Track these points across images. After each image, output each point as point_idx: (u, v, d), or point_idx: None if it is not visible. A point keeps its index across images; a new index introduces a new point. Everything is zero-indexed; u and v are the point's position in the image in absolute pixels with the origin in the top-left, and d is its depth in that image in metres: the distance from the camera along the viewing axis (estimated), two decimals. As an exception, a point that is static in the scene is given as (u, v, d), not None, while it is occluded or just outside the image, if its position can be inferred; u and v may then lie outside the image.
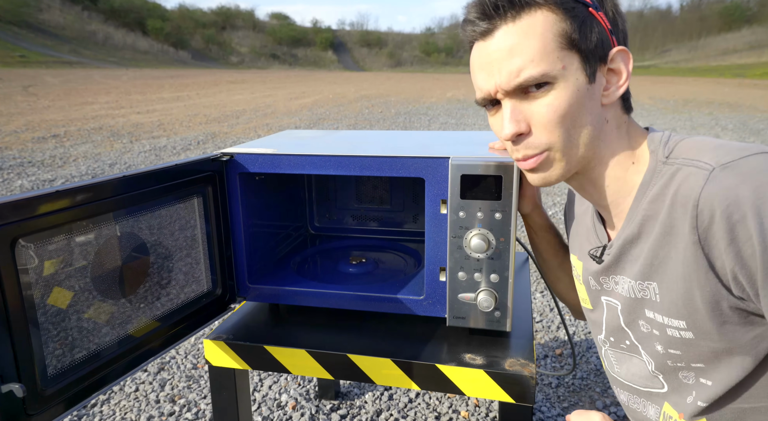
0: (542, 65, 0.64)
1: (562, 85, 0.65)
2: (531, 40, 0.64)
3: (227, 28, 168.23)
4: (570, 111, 0.66)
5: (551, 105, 0.65)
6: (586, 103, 0.66)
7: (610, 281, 0.78)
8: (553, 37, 0.64)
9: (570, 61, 0.65)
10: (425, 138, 1.21)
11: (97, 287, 0.79)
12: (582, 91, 0.65)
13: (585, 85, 0.66)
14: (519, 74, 0.65)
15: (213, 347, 1.02)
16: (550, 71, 0.64)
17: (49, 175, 4.97)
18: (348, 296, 1.04)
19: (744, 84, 22.77)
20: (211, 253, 1.01)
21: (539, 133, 0.68)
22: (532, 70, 0.64)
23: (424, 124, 9.03)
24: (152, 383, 1.92)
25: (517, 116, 0.67)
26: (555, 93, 0.65)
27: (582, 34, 0.64)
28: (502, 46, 0.66)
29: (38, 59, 59.00)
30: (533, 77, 0.64)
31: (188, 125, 8.53)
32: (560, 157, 0.69)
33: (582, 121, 0.67)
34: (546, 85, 0.65)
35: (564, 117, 0.66)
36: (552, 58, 0.64)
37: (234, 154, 1.02)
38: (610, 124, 0.70)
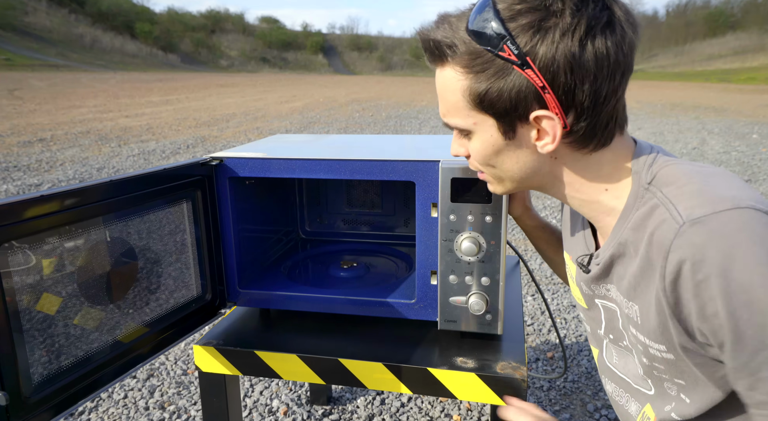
0: (456, 119, 0.67)
1: (477, 136, 0.67)
2: (446, 92, 0.66)
3: (217, 32, 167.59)
4: (487, 156, 0.68)
5: (473, 149, 0.69)
6: (507, 154, 0.67)
7: (602, 289, 0.78)
8: (462, 96, 0.63)
9: (481, 120, 0.64)
10: (416, 142, 1.21)
11: (84, 292, 0.78)
12: (499, 145, 0.66)
13: (501, 140, 0.65)
14: (444, 117, 0.69)
15: (203, 353, 1.01)
16: (464, 126, 0.67)
17: (35, 180, 4.91)
18: (339, 300, 1.04)
19: (729, 89, 23.17)
20: (200, 258, 1.00)
21: (472, 161, 0.73)
22: (451, 119, 0.68)
23: (414, 127, 9.06)
24: (141, 390, 1.90)
25: (458, 142, 0.72)
26: (474, 140, 0.68)
27: (493, 97, 0.60)
28: (437, 86, 0.68)
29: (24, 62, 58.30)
30: (454, 125, 0.68)
31: (177, 129, 8.47)
32: (496, 182, 0.73)
33: (506, 166, 0.68)
34: (466, 133, 0.68)
35: (483, 159, 0.69)
36: (462, 114, 0.65)
37: (223, 159, 1.01)
38: (562, 159, 0.67)
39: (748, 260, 0.52)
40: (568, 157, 0.66)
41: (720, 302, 0.54)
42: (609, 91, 0.60)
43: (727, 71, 57.49)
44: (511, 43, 0.57)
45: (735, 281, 0.53)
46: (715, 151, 6.78)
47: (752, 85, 29.19)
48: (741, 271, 0.52)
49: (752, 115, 11.07)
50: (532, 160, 0.66)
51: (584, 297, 0.84)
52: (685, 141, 7.56)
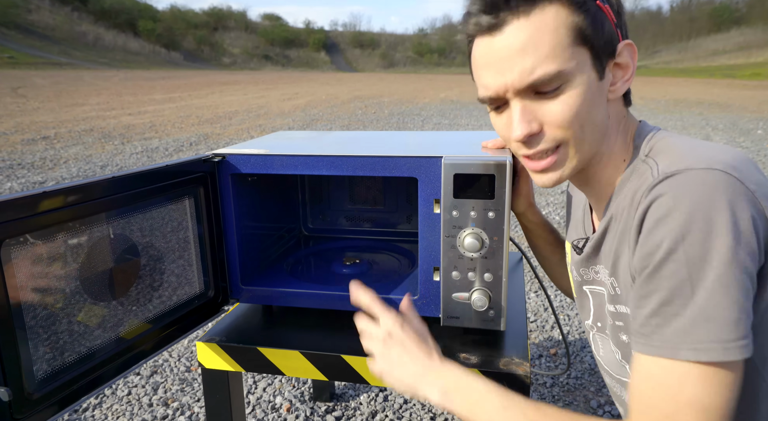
0: (557, 63, 0.61)
1: (575, 82, 0.62)
2: (544, 35, 0.60)
3: (219, 29, 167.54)
4: (582, 109, 0.63)
5: (565, 104, 0.63)
6: (596, 100, 0.65)
7: (590, 272, 0.79)
8: (566, 33, 0.61)
9: (582, 58, 0.62)
10: (418, 138, 1.21)
11: (87, 289, 0.78)
12: (593, 88, 0.64)
13: (596, 81, 0.64)
14: (533, 72, 0.61)
15: (206, 350, 1.01)
16: (565, 69, 0.61)
17: (39, 178, 4.93)
18: (342, 296, 1.04)
19: (734, 84, 23.03)
20: (203, 254, 1.00)
21: (552, 131, 0.65)
22: (547, 67, 0.61)
23: (417, 124, 9.04)
24: (145, 387, 1.90)
25: (528, 116, 0.65)
26: (568, 91, 0.63)
27: (594, 29, 0.62)
28: (513, 42, 0.62)
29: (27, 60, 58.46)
30: (548, 75, 0.61)
31: (180, 127, 8.48)
32: (573, 155, 0.67)
33: (592, 118, 0.65)
34: (559, 84, 0.62)
35: (577, 115, 0.64)
36: (566, 55, 0.61)
37: (226, 155, 1.01)
38: (611, 119, 0.69)
39: (701, 217, 0.54)
40: (616, 116, 0.70)
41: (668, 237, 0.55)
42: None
43: (731, 67, 57.17)
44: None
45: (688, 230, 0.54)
46: (719, 147, 6.74)
47: (757, 80, 29.00)
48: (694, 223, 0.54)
49: (757, 111, 11.00)
50: (605, 112, 0.67)
51: (574, 284, 0.85)
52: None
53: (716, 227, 0.53)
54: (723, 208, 0.53)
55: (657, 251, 0.56)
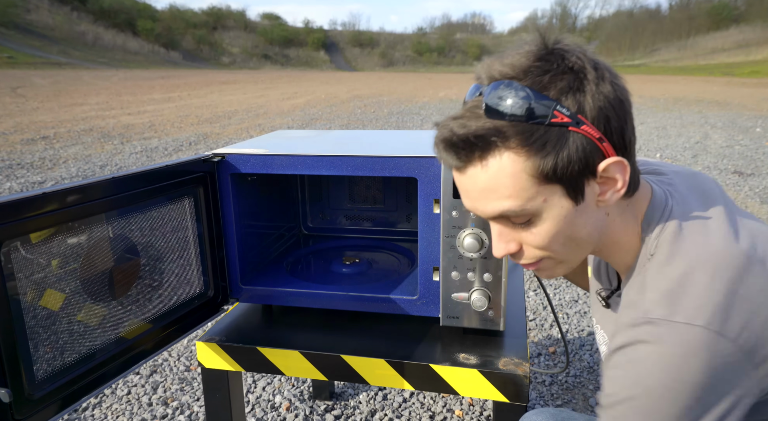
0: (519, 202, 0.61)
1: (546, 215, 0.62)
2: (502, 180, 0.60)
3: (218, 29, 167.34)
4: (558, 233, 0.63)
5: (538, 234, 0.63)
6: (576, 221, 0.63)
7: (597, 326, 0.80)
8: (526, 176, 0.59)
9: (551, 192, 0.60)
10: (418, 137, 1.21)
11: (86, 289, 0.78)
12: (570, 215, 0.62)
13: (572, 207, 0.62)
14: (495, 210, 0.62)
15: (206, 349, 1.01)
16: (528, 207, 0.61)
17: (38, 178, 4.92)
18: (341, 296, 1.04)
19: (732, 82, 23.03)
20: (202, 254, 1.01)
21: (530, 250, 0.66)
22: (509, 206, 0.61)
23: (416, 123, 9.04)
24: (144, 386, 1.90)
25: (507, 238, 0.66)
26: (540, 223, 0.62)
27: (560, 164, 0.59)
28: (476, 183, 0.62)
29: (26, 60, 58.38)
30: (511, 212, 0.61)
31: (180, 126, 8.47)
32: (557, 264, 0.68)
33: (572, 237, 0.64)
34: (527, 218, 0.62)
35: (553, 239, 0.63)
36: (528, 194, 0.60)
37: (225, 155, 1.01)
38: (612, 215, 0.66)
39: (660, 377, 0.55)
40: (616, 209, 0.67)
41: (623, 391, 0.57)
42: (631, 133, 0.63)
43: (730, 65, 57.11)
44: (561, 107, 0.58)
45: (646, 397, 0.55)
46: (718, 145, 6.75)
47: (756, 78, 29.00)
48: (650, 378, 0.55)
49: (756, 109, 11.01)
50: (595, 219, 0.65)
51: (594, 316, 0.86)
52: (688, 135, 7.52)
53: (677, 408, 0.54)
54: (688, 392, 0.54)
55: (611, 395, 0.58)
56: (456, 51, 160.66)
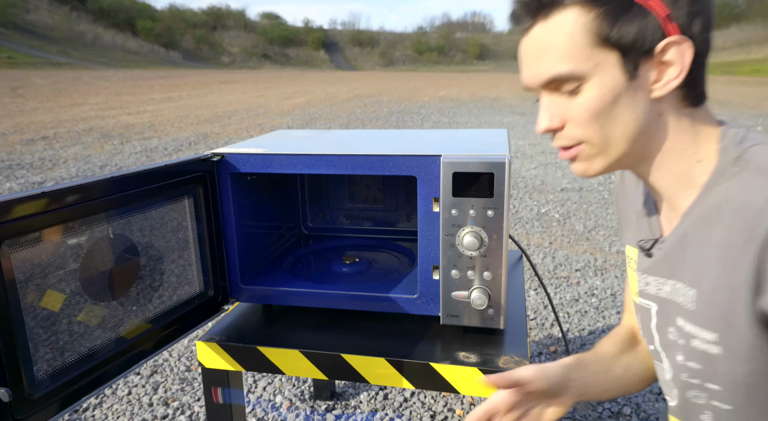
0: (571, 63, 0.61)
1: (595, 83, 0.62)
2: (560, 37, 0.61)
3: (218, 28, 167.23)
4: (604, 109, 0.62)
5: (582, 104, 0.63)
6: (626, 100, 0.62)
7: (641, 281, 0.75)
8: (583, 36, 0.60)
9: (604, 59, 0.61)
10: (417, 136, 1.21)
11: (86, 289, 0.78)
12: (619, 89, 0.62)
13: (623, 82, 0.62)
14: (547, 72, 0.63)
15: (206, 349, 1.01)
16: (580, 70, 0.61)
17: (38, 178, 4.92)
18: (341, 295, 1.04)
19: (733, 81, 23.02)
20: (202, 254, 1.00)
21: (571, 129, 0.65)
22: (559, 68, 0.62)
23: (416, 123, 9.04)
24: (145, 386, 1.90)
25: (552, 111, 0.66)
26: (586, 91, 0.62)
27: (619, 30, 0.59)
28: (536, 43, 0.64)
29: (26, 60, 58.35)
30: (561, 75, 0.62)
31: (180, 126, 8.47)
32: (597, 152, 0.66)
33: (620, 119, 0.63)
34: (577, 84, 0.62)
35: (597, 115, 0.63)
36: (582, 56, 0.61)
37: (225, 155, 1.01)
38: (666, 116, 0.65)
39: None
40: (672, 113, 0.65)
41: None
42: (710, 35, 0.63)
43: (731, 63, 57.06)
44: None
45: None
46: (718, 144, 6.73)
47: (757, 77, 28.98)
48: None
49: (756, 108, 11.00)
50: (645, 111, 0.63)
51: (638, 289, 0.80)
52: (689, 134, 7.50)
53: None
54: None
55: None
56: (456, 50, 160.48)
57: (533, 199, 4.29)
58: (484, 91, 17.60)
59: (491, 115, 10.14)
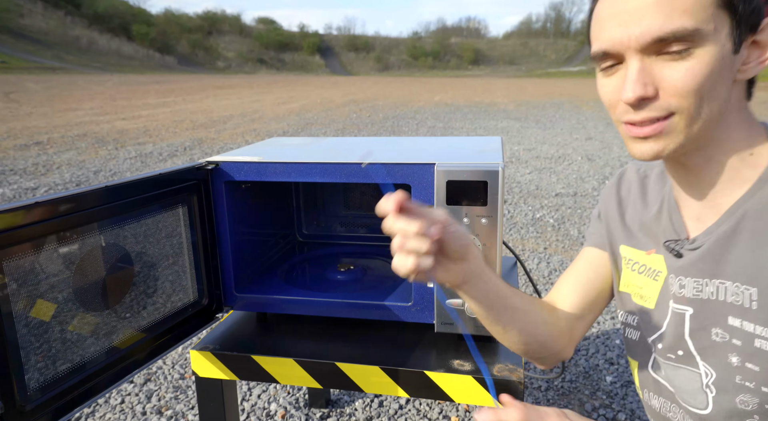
0: (695, 20, 0.56)
1: (707, 48, 0.57)
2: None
3: (213, 33, 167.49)
4: (708, 79, 0.58)
5: (691, 70, 0.57)
6: (724, 74, 0.59)
7: (676, 283, 0.71)
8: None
9: (722, 24, 0.57)
10: (411, 144, 1.21)
11: (79, 298, 0.77)
12: (725, 60, 0.58)
13: (729, 53, 0.58)
14: (666, 25, 0.56)
15: (199, 358, 1.01)
16: (702, 29, 0.56)
17: (31, 184, 4.89)
18: (336, 303, 1.04)
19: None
20: (197, 262, 1.00)
21: (667, 98, 0.59)
22: (684, 22, 0.56)
23: (412, 128, 9.06)
24: (138, 395, 1.89)
25: (645, 78, 0.59)
26: (698, 57, 0.57)
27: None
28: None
29: (20, 65, 58.12)
30: (684, 30, 0.56)
31: (175, 131, 8.46)
32: (683, 128, 0.61)
33: (715, 94, 0.59)
34: (688, 45, 0.57)
35: (700, 85, 0.58)
36: (706, 14, 0.56)
37: (219, 163, 1.01)
38: (733, 105, 0.63)
39: None
40: (736, 103, 0.63)
41: None
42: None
43: (723, 69, 57.70)
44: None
45: None
46: (711, 149, 6.78)
47: (748, 83, 29.20)
48: None
49: (756, 112, 11.09)
50: (727, 91, 0.61)
51: (660, 295, 0.75)
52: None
53: None
54: None
55: None
56: (451, 55, 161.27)
57: (528, 205, 4.31)
58: (479, 96, 17.69)
59: (486, 120, 10.19)
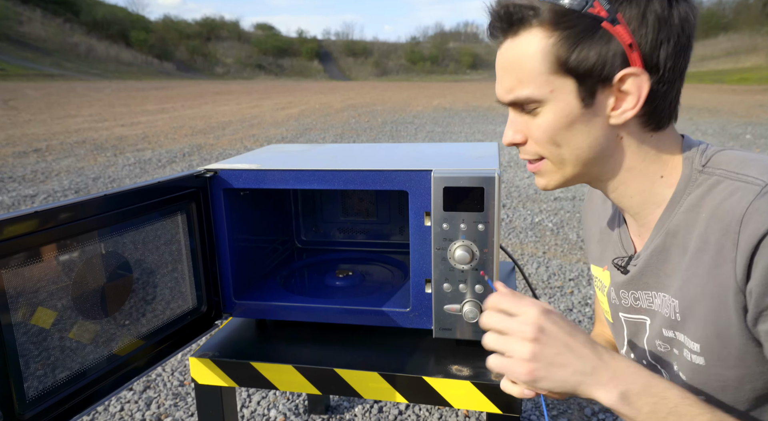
0: (529, 88, 0.64)
1: (551, 107, 0.64)
2: (523, 59, 0.63)
3: (212, 39, 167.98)
4: (558, 133, 0.65)
5: (539, 125, 0.66)
6: (580, 126, 0.64)
7: (629, 297, 0.75)
8: (543, 61, 0.61)
9: (561, 85, 0.62)
10: (408, 150, 1.22)
11: (79, 306, 0.78)
12: (574, 115, 0.63)
13: (578, 109, 0.63)
14: (509, 92, 0.66)
15: (199, 365, 1.01)
16: (537, 95, 0.64)
17: (30, 191, 4.89)
18: (335, 309, 1.04)
19: (722, 89, 23.33)
20: (196, 269, 1.01)
21: (531, 145, 0.69)
22: (519, 91, 0.65)
23: (410, 132, 9.08)
24: (138, 402, 1.89)
25: (515, 127, 0.69)
26: (544, 114, 0.65)
27: (578, 57, 0.60)
28: (505, 59, 0.66)
29: (19, 72, 58.24)
30: (519, 99, 0.65)
31: (173, 137, 8.47)
32: (554, 170, 0.70)
33: (574, 143, 0.65)
34: (536, 105, 0.65)
35: (552, 137, 0.66)
36: (539, 81, 0.63)
37: (218, 170, 1.02)
38: (627, 140, 0.66)
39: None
40: (633, 137, 0.66)
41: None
42: (683, 62, 0.62)
43: (720, 72, 57.93)
44: (612, 1, 0.58)
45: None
46: (709, 152, 6.81)
47: (745, 85, 29.39)
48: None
49: (745, 116, 11.15)
50: (602, 135, 0.64)
51: (611, 309, 0.81)
52: (680, 143, 7.58)
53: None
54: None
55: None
56: (449, 60, 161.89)
57: (527, 209, 4.32)
58: (477, 100, 17.74)
59: (484, 124, 10.21)
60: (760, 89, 22.57)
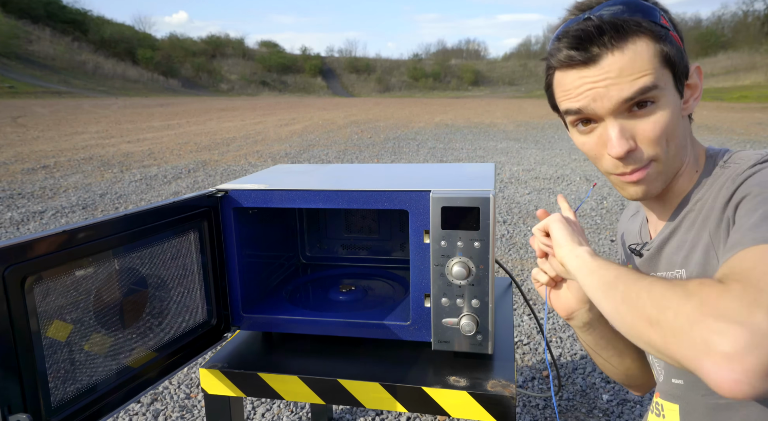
0: (653, 77, 0.71)
1: (664, 101, 0.72)
2: (638, 61, 0.70)
3: (217, 56, 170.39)
4: (669, 126, 0.73)
5: (656, 122, 0.72)
6: (679, 120, 0.74)
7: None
8: (656, 58, 0.71)
9: (667, 80, 0.72)
10: (408, 171, 1.28)
11: (99, 320, 0.83)
12: (676, 106, 0.74)
13: (678, 100, 0.74)
14: (637, 86, 0.70)
15: (209, 376, 1.06)
16: (659, 84, 0.71)
17: (39, 207, 4.97)
18: (338, 323, 1.09)
19: (722, 107, 23.46)
20: (206, 284, 1.06)
21: (645, 147, 0.73)
22: (645, 81, 0.70)
23: (413, 149, 9.17)
24: (146, 415, 1.92)
25: (625, 134, 0.73)
26: (659, 110, 0.72)
27: (675, 54, 0.72)
28: (611, 70, 0.71)
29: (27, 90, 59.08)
30: (647, 87, 0.70)
31: (179, 154, 8.58)
32: (662, 170, 0.75)
33: (675, 134, 0.74)
34: (649, 104, 0.72)
35: (665, 131, 0.73)
36: (657, 74, 0.71)
37: (228, 190, 1.08)
38: (686, 137, 0.78)
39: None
40: (687, 133, 0.78)
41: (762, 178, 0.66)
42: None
43: (719, 90, 58.23)
44: (665, 15, 0.75)
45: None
46: (708, 168, 6.85)
47: (744, 103, 29.55)
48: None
49: (744, 133, 11.22)
50: (685, 127, 0.77)
51: None
52: (679, 159, 7.63)
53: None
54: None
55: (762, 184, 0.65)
56: (451, 76, 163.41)
57: (527, 225, 4.36)
58: (478, 116, 17.90)
59: (486, 141, 10.31)
60: (759, 107, 22.69)
